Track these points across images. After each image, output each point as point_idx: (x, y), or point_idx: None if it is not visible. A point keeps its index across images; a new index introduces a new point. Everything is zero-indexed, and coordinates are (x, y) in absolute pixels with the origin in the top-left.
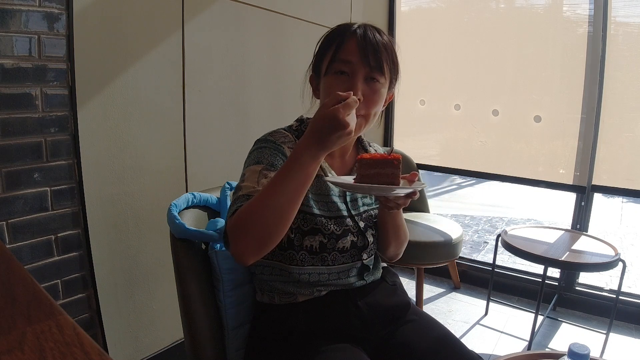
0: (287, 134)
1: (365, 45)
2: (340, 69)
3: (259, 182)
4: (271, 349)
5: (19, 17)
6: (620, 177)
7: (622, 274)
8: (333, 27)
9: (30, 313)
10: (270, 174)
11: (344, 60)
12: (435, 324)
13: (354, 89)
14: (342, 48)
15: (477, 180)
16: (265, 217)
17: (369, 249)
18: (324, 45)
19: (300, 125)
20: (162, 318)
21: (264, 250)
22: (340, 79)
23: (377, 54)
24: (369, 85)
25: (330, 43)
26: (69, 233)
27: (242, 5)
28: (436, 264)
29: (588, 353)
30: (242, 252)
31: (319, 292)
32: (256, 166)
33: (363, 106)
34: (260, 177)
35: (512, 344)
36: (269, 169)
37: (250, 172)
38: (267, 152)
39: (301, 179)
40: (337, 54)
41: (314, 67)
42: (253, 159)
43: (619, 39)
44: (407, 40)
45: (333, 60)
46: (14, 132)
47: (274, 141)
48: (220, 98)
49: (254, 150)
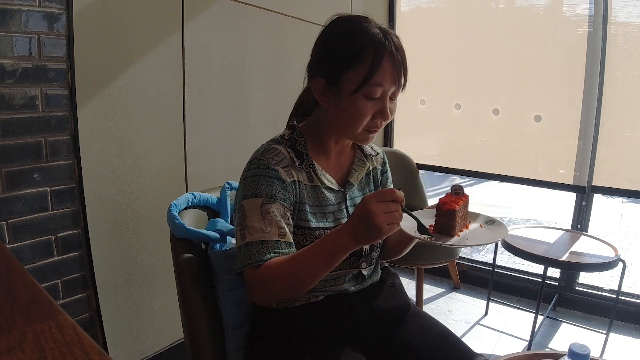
0: (280, 150)
1: (399, 66)
2: (376, 96)
3: (263, 221)
4: (271, 350)
5: (19, 17)
6: (620, 177)
7: (622, 274)
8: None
9: (30, 313)
10: (272, 208)
11: (379, 84)
12: (434, 322)
13: (385, 113)
14: (378, 71)
15: (477, 180)
16: (290, 285)
17: (368, 257)
18: (349, 56)
19: (292, 134)
20: (162, 318)
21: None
22: (372, 102)
23: (405, 73)
24: (391, 100)
25: (359, 57)
26: (69, 233)
27: (242, 5)
28: (436, 264)
29: (588, 353)
30: (260, 300)
31: (316, 297)
32: (255, 200)
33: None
34: (263, 213)
35: (512, 344)
36: (269, 201)
37: (251, 208)
38: (263, 181)
39: (331, 264)
40: (373, 76)
41: (328, 75)
42: (250, 190)
43: (619, 39)
44: (407, 40)
45: (367, 83)
46: (14, 132)
47: (268, 166)
48: (220, 98)
49: (249, 177)
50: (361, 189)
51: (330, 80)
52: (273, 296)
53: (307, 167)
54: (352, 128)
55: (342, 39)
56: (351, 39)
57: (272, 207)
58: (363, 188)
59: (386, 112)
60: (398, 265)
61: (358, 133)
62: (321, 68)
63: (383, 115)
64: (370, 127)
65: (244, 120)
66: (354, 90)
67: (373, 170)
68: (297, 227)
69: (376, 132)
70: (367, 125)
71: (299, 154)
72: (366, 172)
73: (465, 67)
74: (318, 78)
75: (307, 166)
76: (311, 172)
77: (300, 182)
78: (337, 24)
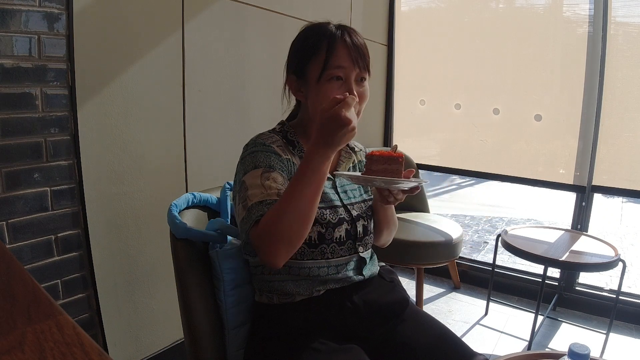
0: (272, 135)
1: (355, 49)
2: (336, 75)
3: (264, 185)
4: (271, 349)
5: (19, 17)
6: (620, 177)
7: (622, 274)
8: (306, 29)
9: (30, 313)
10: (272, 175)
11: (338, 66)
12: (434, 322)
13: (350, 91)
14: (333, 54)
15: (477, 180)
16: (290, 222)
17: (364, 241)
18: (308, 49)
19: (282, 127)
20: (162, 318)
21: (293, 251)
22: (337, 84)
23: (363, 55)
24: (359, 84)
25: (316, 48)
26: (69, 233)
27: (242, 5)
28: (436, 264)
29: (588, 353)
30: (274, 257)
31: (318, 291)
32: (255, 171)
33: (357, 104)
34: (263, 180)
35: (512, 344)
36: (268, 170)
37: (252, 178)
38: (261, 155)
39: (316, 180)
40: (329, 61)
41: (296, 70)
42: (249, 164)
43: (619, 39)
44: (407, 40)
45: (326, 67)
46: (14, 132)
47: (263, 142)
48: (220, 98)
49: (247, 155)
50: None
51: (298, 75)
52: (281, 243)
53: (299, 153)
54: None
55: (302, 37)
56: (309, 35)
57: (272, 175)
58: None
59: (352, 92)
60: (398, 265)
61: None
62: (290, 66)
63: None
64: None
65: (244, 120)
66: (318, 76)
67: (359, 163)
68: None
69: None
70: None
71: (290, 142)
72: (352, 164)
73: (465, 67)
74: (290, 75)
75: (299, 152)
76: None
77: (295, 163)
78: (302, 30)
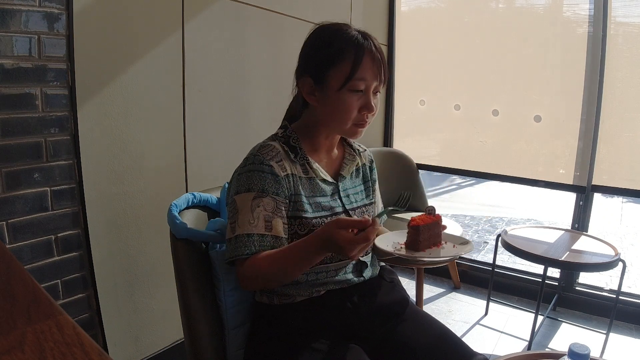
0: (275, 146)
1: (378, 61)
2: (360, 88)
3: (253, 214)
4: (271, 349)
5: (19, 17)
6: (620, 177)
7: (622, 274)
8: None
9: (30, 313)
10: (264, 201)
11: (362, 78)
12: (434, 322)
13: (369, 106)
14: (360, 67)
15: (477, 180)
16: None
17: None
18: (332, 56)
19: (285, 132)
20: (162, 318)
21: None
22: (357, 96)
23: (385, 69)
24: (374, 96)
25: (341, 56)
26: (69, 233)
27: (242, 5)
28: (436, 264)
29: (588, 353)
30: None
31: (318, 292)
32: (247, 194)
33: (371, 115)
34: (254, 206)
35: (512, 344)
36: (260, 195)
37: (242, 202)
38: (256, 176)
39: (310, 263)
40: (355, 73)
41: (314, 74)
42: (243, 184)
43: (619, 39)
44: (407, 40)
45: (351, 77)
46: (14, 132)
47: (262, 161)
48: (220, 98)
49: (243, 173)
50: (352, 182)
51: (316, 79)
52: (259, 286)
53: (301, 160)
54: (342, 123)
55: (326, 40)
56: (334, 40)
57: (263, 202)
58: (354, 181)
59: (371, 105)
60: (398, 265)
61: (348, 127)
62: (308, 69)
63: (368, 108)
64: (359, 121)
65: (244, 120)
66: (340, 86)
67: (362, 166)
68: (294, 217)
69: (364, 126)
70: (356, 119)
71: (293, 148)
72: (356, 167)
73: (465, 67)
74: (306, 78)
75: (301, 159)
76: (305, 164)
77: (295, 174)
78: (321, 30)
